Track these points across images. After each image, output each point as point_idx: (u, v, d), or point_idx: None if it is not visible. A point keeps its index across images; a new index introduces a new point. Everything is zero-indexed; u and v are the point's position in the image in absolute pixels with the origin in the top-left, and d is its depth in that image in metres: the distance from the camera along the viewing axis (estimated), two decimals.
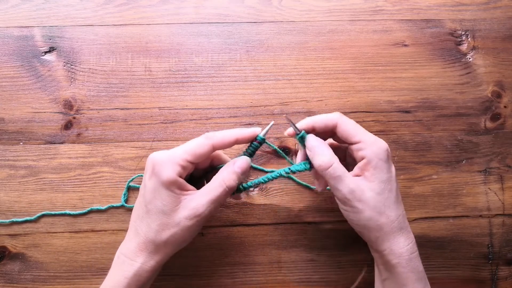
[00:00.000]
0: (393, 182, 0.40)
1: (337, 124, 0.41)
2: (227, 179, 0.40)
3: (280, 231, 0.51)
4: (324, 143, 0.42)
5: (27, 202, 0.50)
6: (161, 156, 0.39)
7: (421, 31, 0.55)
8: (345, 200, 0.40)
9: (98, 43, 0.53)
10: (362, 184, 0.40)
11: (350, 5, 0.55)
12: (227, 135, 0.41)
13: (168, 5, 0.54)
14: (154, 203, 0.39)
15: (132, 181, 0.50)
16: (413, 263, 0.40)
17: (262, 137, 0.42)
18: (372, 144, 0.40)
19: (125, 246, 0.41)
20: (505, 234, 0.52)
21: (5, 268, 0.49)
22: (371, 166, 0.39)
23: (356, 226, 0.41)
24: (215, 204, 0.39)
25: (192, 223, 0.39)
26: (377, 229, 0.40)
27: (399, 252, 0.40)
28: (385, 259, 0.41)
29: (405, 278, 0.40)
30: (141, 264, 0.39)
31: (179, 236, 0.39)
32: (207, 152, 0.40)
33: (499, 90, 0.54)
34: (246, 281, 0.50)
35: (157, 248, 0.40)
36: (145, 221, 0.40)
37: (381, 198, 0.39)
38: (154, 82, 0.53)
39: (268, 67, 0.53)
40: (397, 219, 0.40)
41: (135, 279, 0.39)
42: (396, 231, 0.40)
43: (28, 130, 0.51)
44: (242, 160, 0.42)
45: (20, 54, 0.52)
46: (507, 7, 0.56)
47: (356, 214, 0.40)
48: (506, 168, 0.53)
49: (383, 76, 0.54)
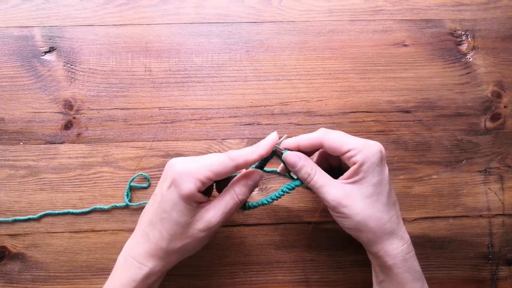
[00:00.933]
0: (385, 184, 0.40)
1: (323, 141, 0.41)
2: (239, 193, 0.41)
3: (280, 231, 0.51)
4: (303, 156, 0.42)
5: (27, 202, 0.50)
6: (184, 167, 0.39)
7: (421, 31, 0.55)
8: (331, 208, 0.40)
9: (98, 43, 0.53)
10: (350, 189, 0.40)
11: (350, 5, 0.55)
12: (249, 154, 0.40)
13: (168, 5, 0.54)
14: (170, 213, 0.39)
15: (132, 181, 0.50)
16: (409, 263, 0.40)
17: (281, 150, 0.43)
18: (362, 149, 0.39)
19: (133, 249, 0.41)
20: (505, 234, 0.52)
21: (5, 268, 0.49)
22: (361, 170, 0.39)
23: (348, 230, 0.41)
24: (226, 216, 0.40)
25: (204, 235, 0.40)
26: (368, 231, 0.39)
27: (394, 253, 0.40)
28: (380, 260, 0.41)
29: (401, 279, 0.40)
30: (150, 269, 0.40)
31: (191, 246, 0.40)
32: (230, 172, 0.40)
33: (499, 90, 0.54)
34: (246, 281, 0.50)
35: (167, 255, 0.40)
36: (157, 228, 0.40)
37: (371, 201, 0.39)
38: (154, 82, 0.53)
39: (268, 67, 0.53)
40: (389, 221, 0.40)
41: (145, 281, 0.40)
42: (389, 233, 0.40)
43: (28, 130, 0.51)
44: (255, 173, 0.42)
45: (20, 54, 0.52)
46: (507, 7, 0.56)
47: (345, 219, 0.40)
48: (506, 168, 0.53)
49: (383, 76, 0.54)
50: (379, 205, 0.40)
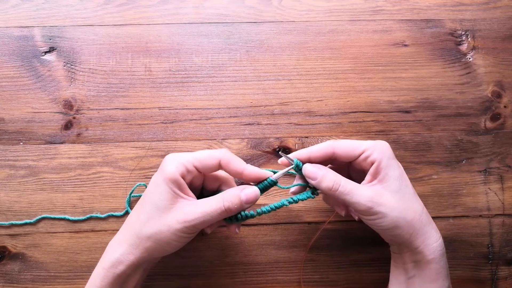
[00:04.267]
0: (405, 176, 0.40)
1: (334, 149, 0.41)
2: (227, 200, 0.39)
3: (280, 231, 0.51)
4: (323, 167, 0.41)
5: (27, 202, 0.50)
6: (173, 155, 0.40)
7: (421, 31, 0.55)
8: (366, 210, 0.38)
9: (98, 43, 0.53)
10: (378, 189, 0.39)
11: (350, 5, 0.55)
12: (237, 161, 0.40)
13: (168, 5, 0.54)
14: (151, 195, 0.39)
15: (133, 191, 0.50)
16: (445, 258, 0.40)
17: (274, 180, 0.41)
18: (375, 147, 0.40)
19: (114, 236, 0.41)
20: (505, 234, 0.52)
21: (5, 268, 0.49)
22: (382, 167, 0.39)
23: (387, 231, 0.40)
24: (207, 218, 0.38)
25: (180, 227, 0.38)
26: (409, 226, 0.39)
27: (433, 247, 0.39)
28: (419, 256, 0.40)
29: (436, 274, 0.39)
30: (119, 255, 0.39)
31: (164, 236, 0.38)
32: (213, 164, 0.40)
33: (499, 90, 0.54)
34: (246, 281, 0.50)
35: (138, 241, 0.39)
36: (136, 211, 0.40)
37: (401, 195, 0.39)
38: (154, 82, 0.53)
39: (268, 67, 0.53)
40: (423, 210, 0.40)
41: (112, 270, 0.39)
42: (427, 224, 0.39)
43: (28, 130, 0.51)
44: (251, 189, 0.40)
45: (20, 54, 0.52)
46: (507, 7, 0.56)
47: (383, 219, 0.39)
48: (506, 168, 0.53)
49: (383, 76, 0.54)
50: (410, 196, 0.40)
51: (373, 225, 0.40)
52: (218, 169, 0.41)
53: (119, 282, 0.39)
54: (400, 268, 0.43)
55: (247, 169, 0.40)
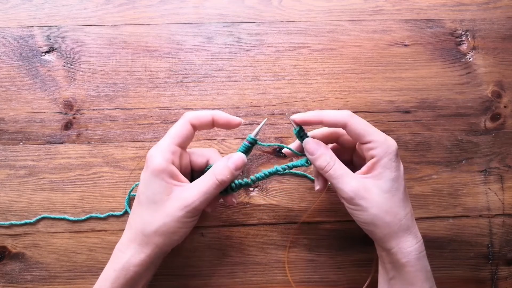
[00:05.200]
0: (401, 180, 0.40)
1: (348, 124, 0.40)
2: (218, 173, 0.40)
3: (280, 231, 0.51)
4: (323, 145, 0.42)
5: (27, 202, 0.50)
6: (152, 149, 0.40)
7: (421, 31, 0.55)
8: (349, 199, 0.39)
9: (98, 43, 0.53)
10: (368, 182, 0.39)
11: (350, 5, 0.55)
12: (203, 112, 0.42)
13: (168, 5, 0.54)
14: (146, 193, 0.39)
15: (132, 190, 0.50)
16: (422, 262, 0.40)
17: (253, 137, 0.42)
18: (382, 143, 0.40)
19: (120, 240, 0.41)
20: (505, 234, 0.52)
21: (5, 268, 0.49)
22: (380, 165, 0.39)
23: (363, 224, 0.41)
24: (205, 196, 0.39)
25: (182, 214, 0.38)
26: (384, 226, 0.39)
27: (408, 251, 0.39)
28: (394, 257, 0.40)
29: (413, 277, 0.40)
30: (129, 256, 0.39)
31: (169, 226, 0.39)
32: (188, 130, 0.41)
33: (499, 90, 0.54)
34: (246, 281, 0.50)
35: (146, 239, 0.39)
36: (136, 212, 0.40)
37: (388, 196, 0.39)
38: (154, 82, 0.53)
39: (268, 67, 0.53)
40: (405, 217, 0.40)
41: (123, 272, 0.39)
42: (404, 229, 0.40)
43: (28, 130, 0.51)
44: (236, 156, 0.41)
45: (20, 54, 0.52)
46: (507, 7, 0.56)
47: (361, 212, 0.39)
48: (506, 168, 0.53)
49: (383, 76, 0.54)
50: (396, 200, 0.40)
51: (352, 215, 0.41)
52: (194, 131, 0.42)
53: (131, 283, 0.40)
54: (382, 268, 0.44)
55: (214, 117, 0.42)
